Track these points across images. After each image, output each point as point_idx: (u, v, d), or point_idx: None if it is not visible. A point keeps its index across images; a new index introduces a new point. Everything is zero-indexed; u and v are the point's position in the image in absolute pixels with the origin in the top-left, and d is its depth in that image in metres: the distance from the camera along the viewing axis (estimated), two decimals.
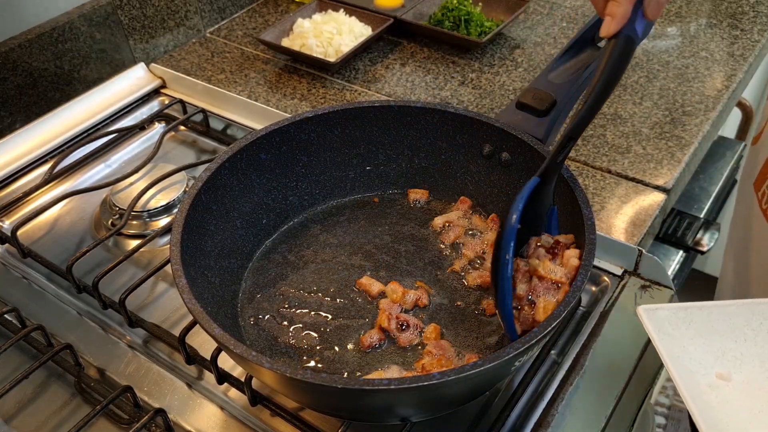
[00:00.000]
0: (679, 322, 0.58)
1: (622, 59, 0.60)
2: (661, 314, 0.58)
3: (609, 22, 0.59)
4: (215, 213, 0.68)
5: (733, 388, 0.56)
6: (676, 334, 0.58)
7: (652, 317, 0.58)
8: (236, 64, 1.11)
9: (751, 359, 0.57)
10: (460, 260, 0.71)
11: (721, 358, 0.57)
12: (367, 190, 0.79)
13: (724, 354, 0.58)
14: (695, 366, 0.57)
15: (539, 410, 0.63)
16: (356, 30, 1.09)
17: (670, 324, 0.58)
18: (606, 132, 0.94)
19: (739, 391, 0.56)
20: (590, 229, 0.59)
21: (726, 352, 0.58)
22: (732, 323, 0.58)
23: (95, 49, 1.03)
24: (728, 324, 0.58)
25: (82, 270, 0.77)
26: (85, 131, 0.98)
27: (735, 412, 0.54)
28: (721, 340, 0.58)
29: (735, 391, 0.56)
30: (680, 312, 0.58)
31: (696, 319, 0.58)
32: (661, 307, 0.58)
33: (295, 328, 0.66)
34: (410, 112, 0.74)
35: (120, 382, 0.67)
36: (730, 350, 0.58)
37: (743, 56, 1.06)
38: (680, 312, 0.58)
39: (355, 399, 0.51)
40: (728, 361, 0.57)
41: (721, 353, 0.58)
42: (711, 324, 0.58)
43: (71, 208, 0.87)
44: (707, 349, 0.58)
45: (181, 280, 0.56)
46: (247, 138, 0.70)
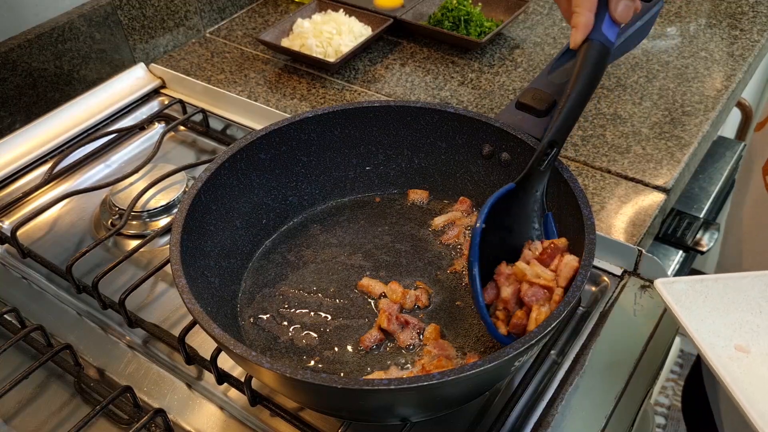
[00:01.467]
0: (696, 294, 0.58)
1: (595, 66, 0.61)
2: (679, 287, 0.58)
3: (574, 33, 0.62)
4: (215, 213, 0.68)
5: (753, 359, 0.56)
6: (694, 307, 0.57)
7: (671, 290, 0.58)
8: (236, 65, 1.11)
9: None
10: (459, 260, 0.71)
11: (738, 331, 0.57)
12: (366, 190, 0.79)
13: (741, 326, 0.58)
14: (714, 339, 0.57)
15: (539, 410, 0.63)
16: (356, 30, 1.09)
17: (687, 297, 0.58)
18: (606, 132, 0.94)
19: (759, 363, 0.56)
20: (590, 230, 0.59)
21: (743, 325, 0.58)
22: (747, 295, 0.58)
23: (95, 49, 1.03)
24: (743, 296, 0.58)
25: (81, 270, 0.77)
26: (85, 131, 0.98)
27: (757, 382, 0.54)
28: (737, 313, 0.58)
29: (755, 362, 0.56)
30: (696, 284, 0.58)
31: (712, 291, 0.58)
32: (677, 279, 0.58)
33: (294, 328, 0.66)
34: (410, 112, 0.74)
35: (120, 382, 0.67)
36: (746, 322, 0.58)
37: (743, 56, 1.06)
38: (696, 284, 0.58)
39: (355, 399, 0.51)
40: (746, 333, 0.57)
41: (738, 326, 0.58)
42: (727, 296, 0.58)
43: (71, 208, 0.87)
44: (725, 322, 0.58)
45: (180, 280, 0.56)
46: (247, 138, 0.70)
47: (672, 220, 1.03)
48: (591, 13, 0.61)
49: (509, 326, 0.58)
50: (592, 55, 0.61)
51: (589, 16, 0.61)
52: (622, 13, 0.61)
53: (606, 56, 0.62)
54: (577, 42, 0.62)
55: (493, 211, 0.61)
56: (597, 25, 0.62)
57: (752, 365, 0.55)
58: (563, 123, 0.62)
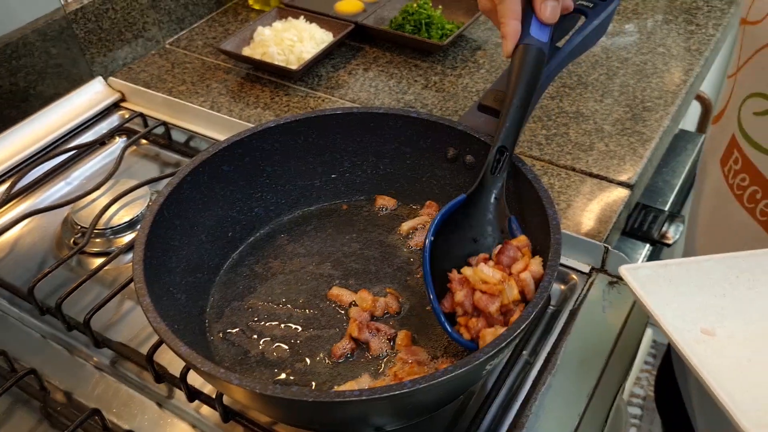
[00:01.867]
0: (661, 279, 0.58)
1: (532, 69, 0.63)
2: (643, 273, 0.58)
3: (504, 43, 0.64)
4: (179, 228, 0.67)
5: (718, 342, 0.56)
6: (659, 292, 0.57)
7: (636, 276, 0.58)
8: (197, 75, 1.10)
9: (732, 313, 0.57)
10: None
11: (703, 314, 0.57)
12: (333, 198, 0.78)
13: (706, 309, 0.58)
14: (680, 323, 0.57)
15: (513, 412, 0.63)
16: (317, 36, 1.09)
17: (652, 282, 0.58)
18: (569, 130, 0.94)
19: (724, 345, 0.56)
20: (555, 230, 0.59)
21: (708, 308, 0.58)
22: (710, 279, 0.58)
23: (51, 64, 1.01)
24: (707, 279, 0.59)
25: (44, 291, 0.75)
26: (44, 148, 0.96)
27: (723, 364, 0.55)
28: (702, 296, 0.58)
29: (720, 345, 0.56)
30: (660, 269, 0.58)
31: (676, 276, 0.58)
32: (642, 265, 0.58)
33: (265, 341, 0.65)
34: (373, 118, 0.73)
35: (88, 405, 0.66)
36: (711, 306, 0.58)
37: (699, 51, 1.08)
38: (660, 269, 0.58)
39: (327, 412, 0.51)
40: (711, 316, 0.57)
41: (703, 309, 0.58)
42: (691, 280, 0.58)
43: (32, 228, 0.85)
44: (690, 306, 0.58)
45: (145, 299, 0.55)
46: (209, 151, 0.69)
47: (638, 214, 1.04)
48: (516, 21, 0.62)
49: (471, 332, 0.59)
50: (527, 60, 0.63)
51: (515, 24, 0.62)
52: (549, 15, 0.63)
53: (541, 57, 0.63)
54: (508, 51, 0.63)
55: (447, 222, 0.63)
56: (525, 30, 0.63)
57: (718, 348, 0.56)
58: (509, 128, 0.63)
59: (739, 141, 0.65)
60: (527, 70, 0.62)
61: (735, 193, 0.67)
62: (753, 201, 0.65)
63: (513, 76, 0.63)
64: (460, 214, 0.65)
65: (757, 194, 0.64)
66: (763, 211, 0.64)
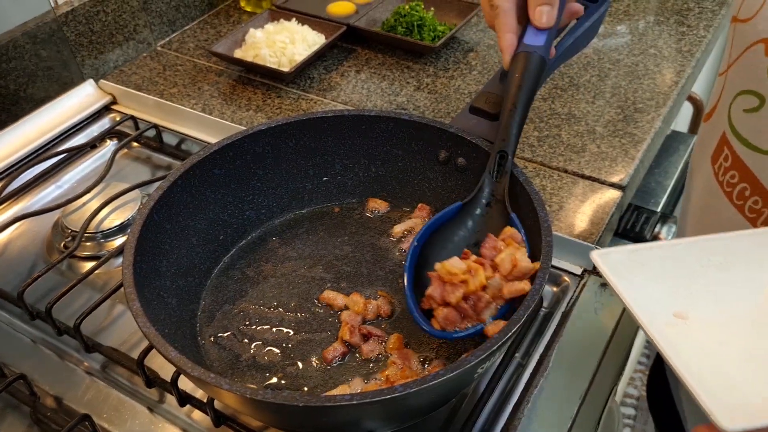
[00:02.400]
0: (633, 264, 0.58)
1: (532, 75, 0.63)
2: (615, 257, 0.58)
3: (503, 56, 0.64)
4: (169, 232, 0.66)
5: (691, 325, 0.56)
6: (631, 277, 0.57)
7: (607, 261, 0.57)
8: (189, 77, 1.09)
9: (705, 296, 0.57)
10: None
11: (676, 297, 0.57)
12: (325, 201, 0.78)
13: (679, 293, 0.57)
14: (653, 306, 0.56)
15: (506, 415, 0.63)
16: (309, 39, 1.09)
17: (624, 267, 0.57)
18: (561, 132, 0.95)
19: (696, 329, 0.55)
20: (546, 232, 0.59)
21: (680, 291, 0.57)
22: (683, 262, 0.58)
23: (41, 67, 1.01)
24: (680, 263, 0.58)
25: (35, 296, 0.75)
26: (34, 152, 0.95)
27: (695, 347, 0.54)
28: (674, 280, 0.58)
29: (692, 328, 0.56)
30: (632, 254, 0.58)
31: (648, 260, 0.58)
32: (613, 250, 0.58)
33: (256, 345, 0.65)
34: (364, 120, 0.73)
35: (78, 411, 0.65)
36: (683, 289, 0.57)
37: (690, 52, 1.09)
38: (632, 254, 0.58)
39: (319, 416, 0.50)
40: (683, 299, 0.57)
41: (676, 292, 0.57)
42: (663, 264, 0.58)
43: (22, 232, 0.85)
44: (662, 290, 0.57)
45: (134, 304, 0.55)
46: (199, 154, 0.69)
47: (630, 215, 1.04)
48: (511, 34, 0.63)
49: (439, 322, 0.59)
50: (525, 67, 0.63)
51: (510, 37, 0.63)
52: (544, 21, 0.63)
53: (540, 63, 0.63)
54: (506, 63, 0.64)
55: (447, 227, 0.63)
56: (523, 38, 0.63)
57: (690, 331, 0.55)
58: (510, 133, 0.63)
59: (729, 138, 0.66)
60: (526, 76, 0.63)
61: (725, 190, 0.67)
62: (742, 198, 0.65)
63: (512, 83, 0.63)
64: (459, 219, 0.65)
65: (746, 191, 0.64)
66: (751, 208, 0.64)
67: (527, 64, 0.63)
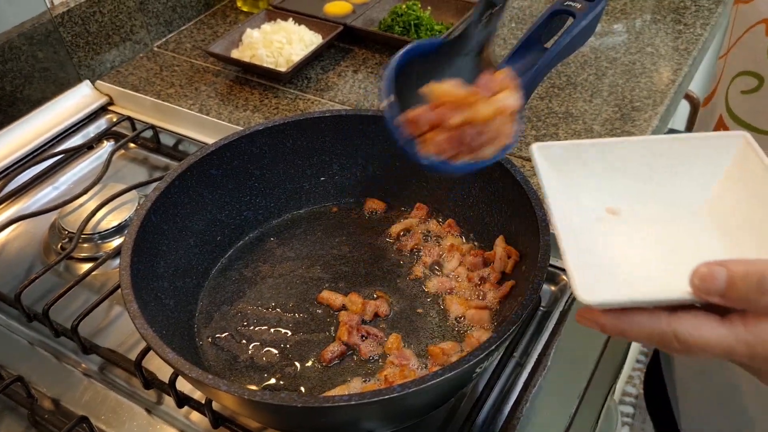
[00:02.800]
0: (574, 159, 0.55)
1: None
2: (555, 151, 0.55)
3: None
4: (167, 233, 0.66)
5: (619, 219, 0.55)
6: (570, 172, 0.55)
7: (545, 154, 0.54)
8: (186, 78, 1.09)
9: (647, 196, 0.55)
10: (418, 267, 0.71)
11: (615, 195, 0.55)
12: (322, 201, 0.78)
13: (618, 191, 0.56)
14: (587, 201, 0.55)
15: (504, 414, 0.63)
16: (306, 38, 1.09)
17: (565, 162, 0.55)
18: (558, 131, 0.94)
19: (624, 223, 0.54)
20: (544, 231, 0.59)
21: (621, 189, 0.55)
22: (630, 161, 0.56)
23: (38, 68, 1.01)
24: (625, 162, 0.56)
25: (32, 297, 0.75)
26: (31, 153, 0.95)
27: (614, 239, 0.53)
28: (618, 178, 0.55)
29: (620, 222, 0.54)
30: (573, 149, 0.55)
31: (591, 157, 0.55)
32: (554, 144, 0.56)
33: (254, 345, 0.65)
34: (362, 120, 0.73)
35: (76, 412, 0.65)
36: (626, 187, 0.55)
37: (687, 50, 1.09)
38: (573, 149, 0.55)
39: (317, 417, 0.50)
40: (622, 197, 0.55)
41: (616, 190, 0.56)
42: (607, 162, 0.56)
43: (19, 234, 0.85)
44: (602, 186, 0.55)
45: (132, 305, 0.55)
46: (197, 155, 0.69)
47: None
48: None
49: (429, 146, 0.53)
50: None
51: None
52: None
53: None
54: None
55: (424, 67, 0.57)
56: None
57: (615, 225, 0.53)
58: None
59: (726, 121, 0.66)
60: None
61: None
62: None
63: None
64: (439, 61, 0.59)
65: None
66: None
67: None
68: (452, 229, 0.73)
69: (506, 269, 0.67)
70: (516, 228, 0.66)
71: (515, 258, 0.66)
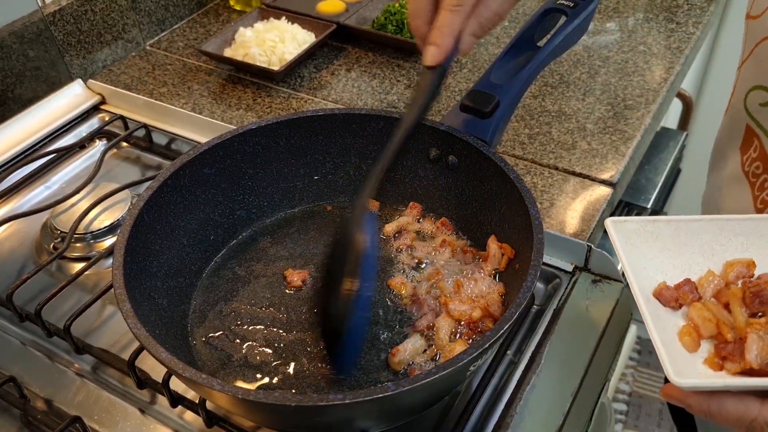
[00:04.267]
0: (647, 234, 0.57)
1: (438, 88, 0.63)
2: (629, 226, 0.57)
3: (435, 52, 0.61)
4: (160, 232, 0.66)
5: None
6: (643, 247, 0.57)
7: (620, 229, 0.57)
8: (178, 77, 1.09)
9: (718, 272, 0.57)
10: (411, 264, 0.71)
11: (687, 271, 0.57)
12: (316, 200, 0.78)
13: (690, 267, 0.57)
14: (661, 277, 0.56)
15: (498, 412, 0.63)
16: (299, 37, 1.08)
17: (638, 236, 0.57)
18: (552, 129, 0.95)
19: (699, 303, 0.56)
20: (538, 229, 0.59)
21: (692, 266, 0.57)
22: (699, 239, 0.58)
23: (29, 67, 1.00)
24: (696, 239, 0.58)
25: (24, 298, 0.74)
26: (23, 152, 0.94)
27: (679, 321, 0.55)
28: (689, 254, 0.57)
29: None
30: (648, 225, 0.57)
31: (664, 233, 0.57)
32: (628, 219, 0.57)
33: (248, 345, 0.65)
34: (355, 119, 0.73)
35: (69, 413, 0.65)
36: (697, 264, 0.57)
37: (680, 49, 1.09)
38: (648, 225, 0.57)
39: (311, 416, 0.50)
40: (695, 274, 0.57)
41: (688, 266, 0.57)
42: (679, 238, 0.57)
43: (11, 234, 0.84)
44: (674, 262, 0.57)
45: (125, 305, 0.54)
46: (189, 154, 0.68)
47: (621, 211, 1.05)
48: (453, 38, 0.61)
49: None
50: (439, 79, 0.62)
51: (451, 41, 0.61)
52: (467, 47, 0.63)
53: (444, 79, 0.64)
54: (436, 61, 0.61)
55: None
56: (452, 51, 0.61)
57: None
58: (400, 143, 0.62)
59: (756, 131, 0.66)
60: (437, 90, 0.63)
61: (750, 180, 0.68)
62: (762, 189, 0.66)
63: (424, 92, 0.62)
64: None
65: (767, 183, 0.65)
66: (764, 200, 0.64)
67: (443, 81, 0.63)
68: (446, 228, 0.73)
69: (500, 266, 0.67)
70: (509, 227, 0.66)
71: (509, 255, 0.66)
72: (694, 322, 0.53)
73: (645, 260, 0.57)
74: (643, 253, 0.57)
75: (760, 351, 0.48)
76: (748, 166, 0.68)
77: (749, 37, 0.65)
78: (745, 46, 0.67)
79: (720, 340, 0.52)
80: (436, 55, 0.61)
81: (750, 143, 0.68)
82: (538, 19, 0.72)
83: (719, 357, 0.50)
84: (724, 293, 0.55)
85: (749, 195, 0.67)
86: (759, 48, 0.63)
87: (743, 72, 0.67)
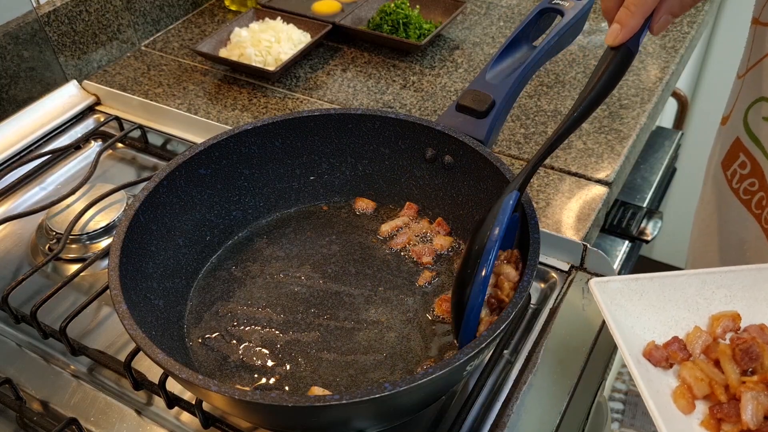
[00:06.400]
0: (632, 293, 0.58)
1: (620, 71, 0.59)
2: (613, 286, 0.58)
3: (617, 31, 0.58)
4: (156, 233, 0.66)
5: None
6: (629, 306, 0.57)
7: (604, 289, 0.57)
8: (174, 77, 1.09)
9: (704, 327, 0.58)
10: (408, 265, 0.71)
11: (674, 327, 0.57)
12: (312, 200, 0.78)
13: (677, 323, 0.58)
14: (648, 335, 0.57)
15: (495, 411, 0.63)
16: (295, 37, 1.08)
17: (623, 295, 0.58)
18: (547, 129, 0.95)
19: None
20: (534, 229, 0.59)
21: (680, 321, 0.58)
22: (684, 293, 0.58)
23: (24, 67, 1.00)
24: (680, 294, 0.58)
25: (19, 299, 0.74)
26: (18, 153, 0.94)
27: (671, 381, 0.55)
28: (674, 310, 0.58)
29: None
30: (632, 283, 0.58)
31: (648, 289, 0.58)
32: (612, 279, 0.58)
33: (244, 346, 0.65)
34: (351, 119, 0.73)
35: (65, 414, 0.65)
36: (683, 319, 0.58)
37: (675, 48, 1.09)
38: (632, 283, 0.58)
39: (308, 416, 0.50)
40: (682, 329, 0.57)
41: (675, 322, 0.58)
42: (664, 294, 0.58)
43: (6, 235, 0.84)
44: (660, 318, 0.57)
45: (121, 306, 0.54)
46: (185, 154, 0.68)
47: (617, 211, 1.05)
48: (643, 18, 0.57)
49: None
50: (621, 61, 0.59)
51: (640, 20, 0.57)
52: (661, 26, 0.59)
53: (629, 64, 0.60)
54: (616, 42, 0.58)
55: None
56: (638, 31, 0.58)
57: None
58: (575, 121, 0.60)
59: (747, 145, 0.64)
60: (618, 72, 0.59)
61: (741, 198, 0.66)
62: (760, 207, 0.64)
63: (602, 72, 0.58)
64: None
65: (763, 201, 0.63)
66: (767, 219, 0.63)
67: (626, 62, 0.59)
68: (442, 228, 0.73)
69: None
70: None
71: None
72: (686, 383, 0.54)
73: (631, 318, 0.57)
74: (628, 311, 0.57)
75: (755, 411, 0.49)
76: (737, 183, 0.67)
77: (757, 44, 0.62)
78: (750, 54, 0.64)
79: (714, 401, 0.53)
80: (616, 35, 0.57)
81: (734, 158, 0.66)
82: (533, 19, 0.73)
83: (714, 419, 0.51)
84: (713, 349, 0.55)
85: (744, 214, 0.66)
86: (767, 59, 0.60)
87: (747, 81, 0.64)
